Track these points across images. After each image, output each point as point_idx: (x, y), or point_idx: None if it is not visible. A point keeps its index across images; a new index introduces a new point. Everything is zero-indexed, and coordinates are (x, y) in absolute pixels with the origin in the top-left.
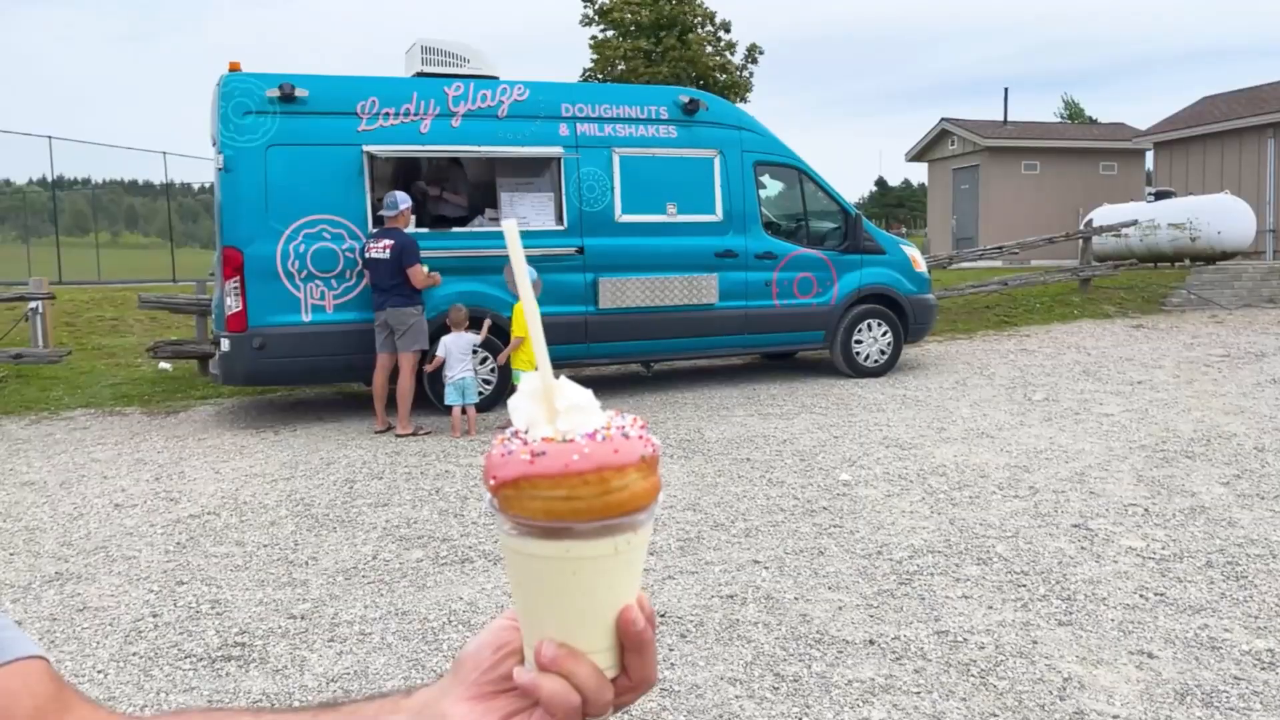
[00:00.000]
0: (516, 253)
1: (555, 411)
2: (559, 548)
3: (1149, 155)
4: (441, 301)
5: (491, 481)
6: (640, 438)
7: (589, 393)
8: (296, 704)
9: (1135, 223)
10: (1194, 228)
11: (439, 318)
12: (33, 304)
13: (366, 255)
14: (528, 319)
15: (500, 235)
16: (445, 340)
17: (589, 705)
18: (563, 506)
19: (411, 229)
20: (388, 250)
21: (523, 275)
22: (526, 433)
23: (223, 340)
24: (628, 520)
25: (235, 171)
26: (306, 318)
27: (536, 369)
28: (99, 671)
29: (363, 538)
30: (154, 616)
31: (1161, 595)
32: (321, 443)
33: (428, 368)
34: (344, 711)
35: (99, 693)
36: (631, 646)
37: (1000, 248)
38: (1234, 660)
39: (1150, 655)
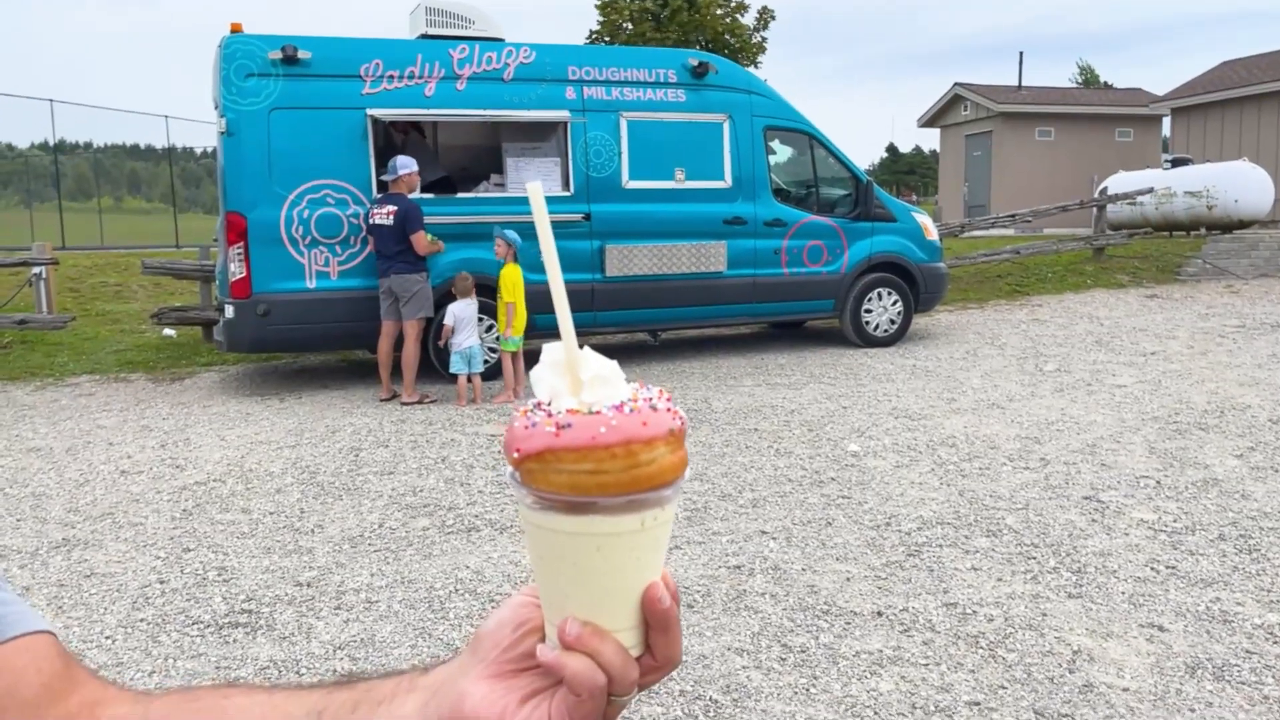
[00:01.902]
0: (542, 217)
1: (580, 383)
2: (584, 523)
3: (1166, 121)
4: (446, 268)
5: (515, 454)
6: (668, 410)
7: (614, 364)
8: (305, 671)
9: (1151, 190)
10: (1211, 196)
11: (443, 285)
12: (36, 269)
13: (370, 221)
14: (552, 285)
15: (505, 201)
16: (453, 308)
17: (614, 685)
18: (589, 481)
19: (416, 195)
20: (391, 216)
21: (548, 240)
22: (550, 404)
23: (227, 307)
24: (654, 495)
25: (238, 135)
26: (311, 284)
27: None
28: (106, 637)
29: (369, 506)
30: (161, 583)
31: (1173, 568)
32: (327, 410)
33: (440, 341)
34: (359, 689)
35: (106, 658)
36: (657, 625)
37: (1013, 216)
38: (1245, 634)
39: (1161, 628)
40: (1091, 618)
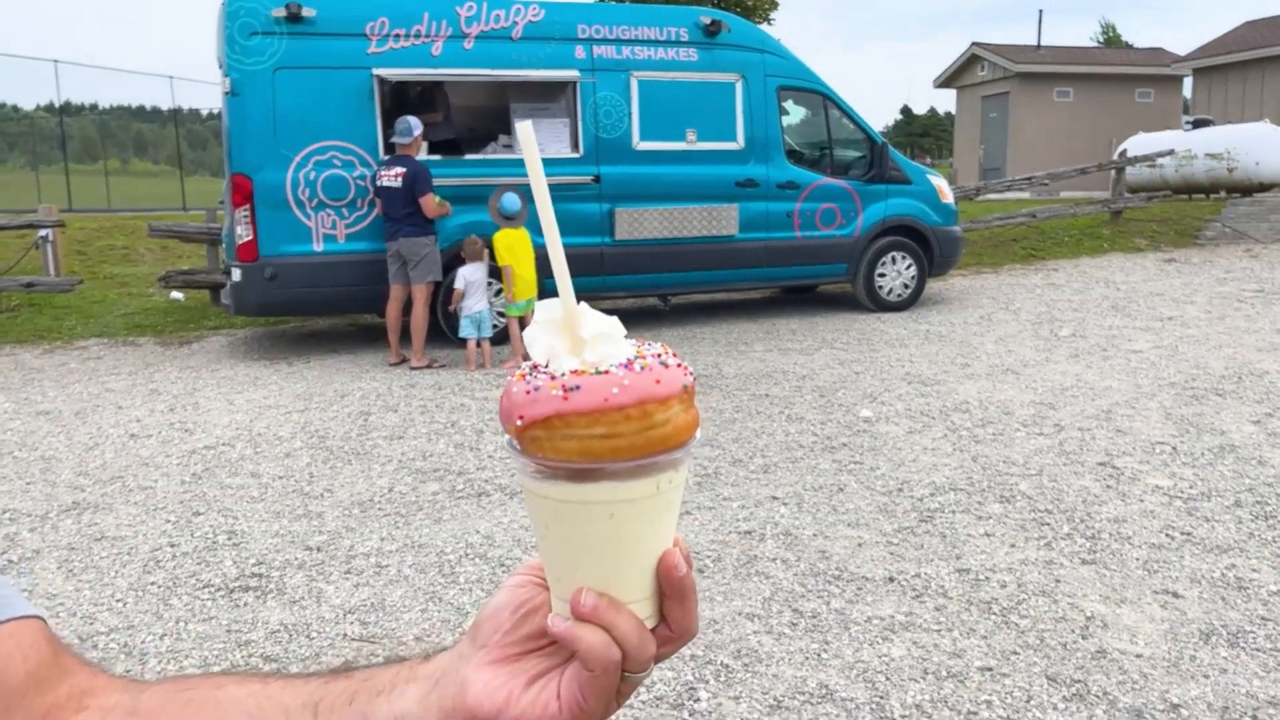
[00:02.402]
0: (533, 157)
1: (581, 341)
2: (594, 490)
3: (1187, 82)
4: (455, 231)
5: (518, 422)
6: (679, 366)
7: (614, 319)
8: (315, 636)
9: (1171, 153)
10: (1231, 158)
11: (451, 248)
12: (43, 232)
13: (378, 184)
14: (547, 237)
15: (514, 163)
16: (463, 272)
17: (630, 660)
18: (601, 445)
19: (423, 156)
20: (399, 179)
21: (540, 182)
22: (549, 366)
23: (234, 270)
24: (668, 457)
25: (243, 95)
26: (318, 247)
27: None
28: (118, 600)
29: (378, 470)
30: (171, 546)
31: (1188, 535)
32: (335, 375)
33: (450, 306)
34: (357, 678)
35: (118, 622)
36: (673, 594)
37: (1030, 179)
38: (1261, 600)
39: (1175, 595)
40: (1105, 584)
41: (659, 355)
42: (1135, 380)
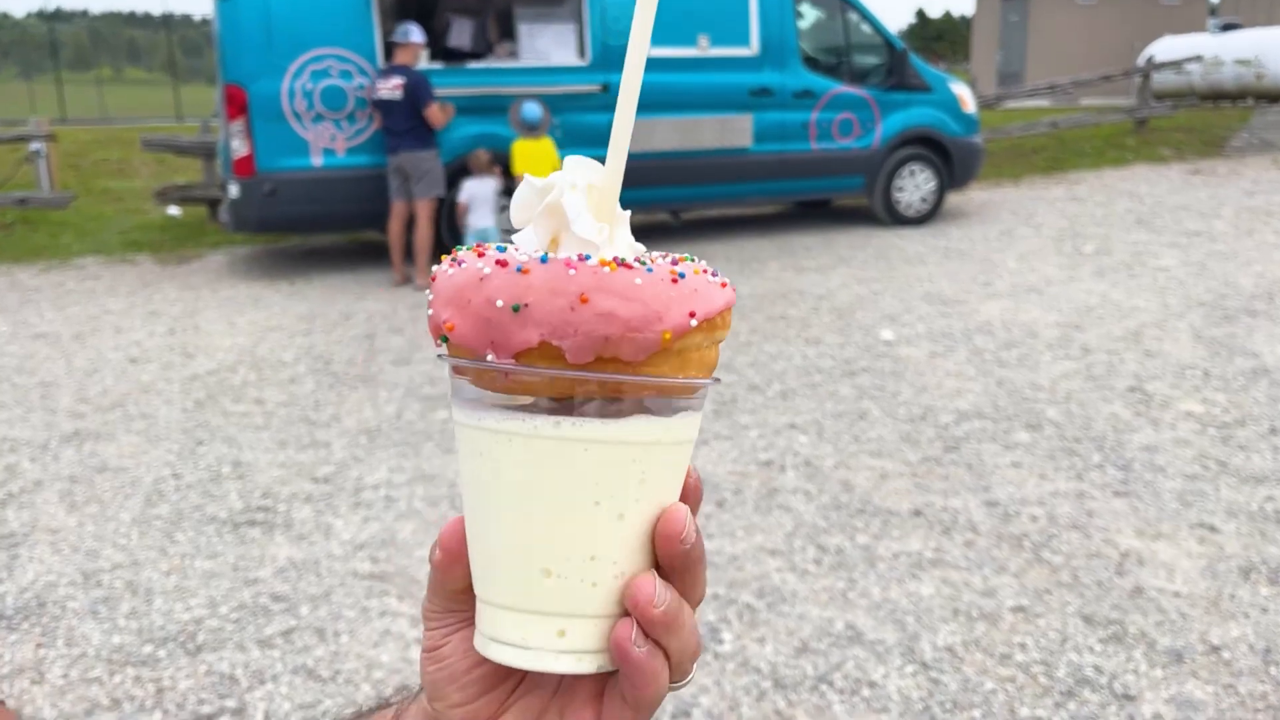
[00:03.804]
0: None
1: (613, 224)
2: (656, 428)
3: None
4: (458, 144)
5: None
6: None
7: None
8: (324, 573)
9: (1198, 58)
10: (1261, 64)
11: (455, 163)
12: (34, 145)
13: (376, 96)
14: (622, 109)
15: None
16: (468, 184)
17: (676, 671)
18: (710, 356)
19: (423, 65)
20: (399, 90)
21: (642, 42)
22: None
23: (231, 185)
24: (710, 384)
25: (234, 1)
26: (317, 162)
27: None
28: (122, 535)
29: (385, 396)
30: (175, 478)
31: (1223, 464)
32: (339, 295)
33: (458, 218)
34: None
35: (122, 558)
36: (679, 566)
37: (1052, 86)
38: None
39: (1212, 529)
40: (1139, 517)
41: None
42: (1163, 299)
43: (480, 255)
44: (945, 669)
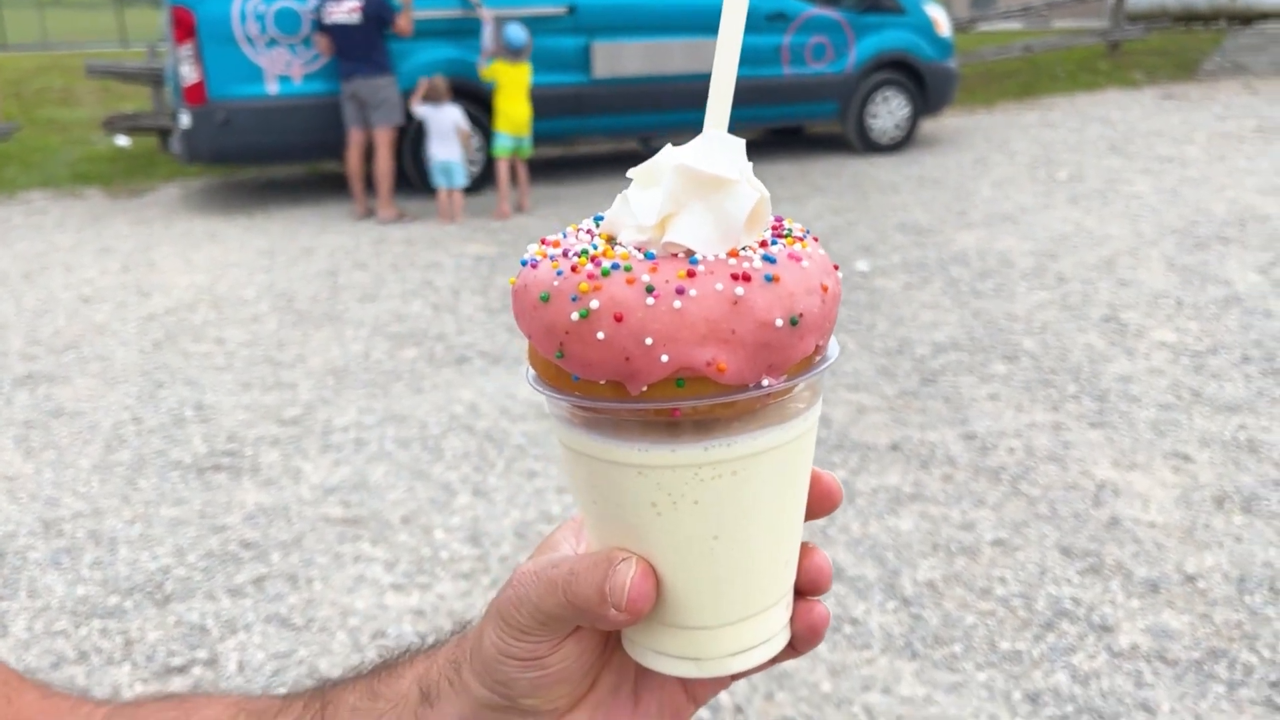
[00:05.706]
0: None
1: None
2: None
3: None
4: (417, 69)
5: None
6: None
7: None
8: (295, 519)
9: None
10: None
11: (410, 91)
12: None
13: (327, 20)
14: (720, 63)
15: None
16: (423, 111)
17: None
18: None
19: None
20: (356, 13)
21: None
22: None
23: (182, 114)
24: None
25: None
26: (273, 89)
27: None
28: (82, 484)
29: (351, 334)
30: (135, 422)
31: (1197, 393)
32: (299, 228)
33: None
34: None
35: (83, 506)
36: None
37: (1026, 8)
38: (1274, 463)
39: (1186, 458)
40: (1115, 448)
41: None
42: (1136, 226)
43: (630, 283)
44: (926, 604)
